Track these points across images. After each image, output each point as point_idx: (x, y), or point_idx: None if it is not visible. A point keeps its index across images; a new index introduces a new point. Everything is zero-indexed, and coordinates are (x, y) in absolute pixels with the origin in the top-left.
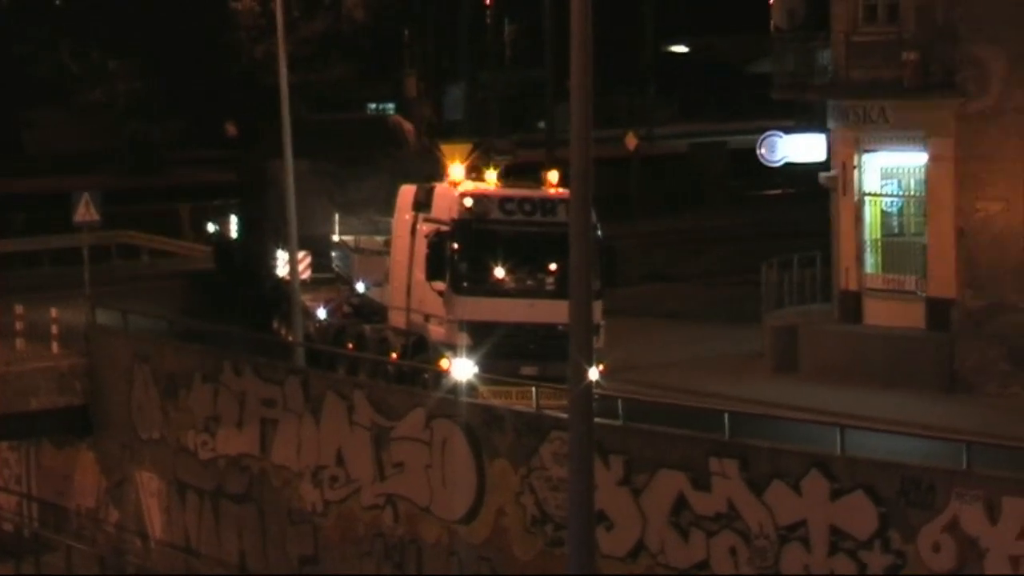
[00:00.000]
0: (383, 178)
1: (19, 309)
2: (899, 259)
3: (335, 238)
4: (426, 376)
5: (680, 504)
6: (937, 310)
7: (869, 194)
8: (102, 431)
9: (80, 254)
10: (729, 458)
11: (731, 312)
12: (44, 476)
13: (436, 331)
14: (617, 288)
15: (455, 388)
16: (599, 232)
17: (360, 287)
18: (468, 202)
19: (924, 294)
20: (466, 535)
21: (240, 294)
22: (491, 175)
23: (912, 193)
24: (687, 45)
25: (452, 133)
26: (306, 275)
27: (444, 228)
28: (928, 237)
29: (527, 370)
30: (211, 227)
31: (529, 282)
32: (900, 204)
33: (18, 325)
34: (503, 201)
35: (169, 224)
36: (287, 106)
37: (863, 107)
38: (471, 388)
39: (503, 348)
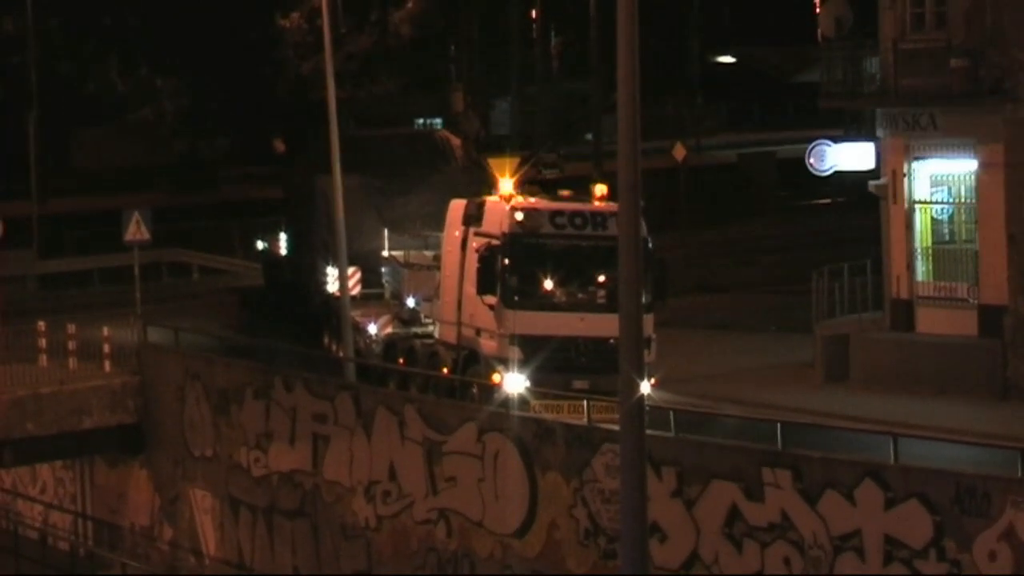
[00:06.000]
0: (431, 193)
1: (71, 328)
2: (950, 266)
3: (384, 253)
4: (476, 390)
5: (733, 515)
6: (989, 317)
7: (919, 202)
8: (155, 448)
9: (131, 272)
10: (782, 468)
11: (782, 322)
12: (98, 494)
13: (487, 345)
14: (667, 300)
15: (507, 402)
16: (649, 244)
17: (410, 302)
18: (519, 216)
19: (976, 301)
20: (519, 549)
21: (290, 310)
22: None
23: (963, 200)
24: (733, 55)
25: (499, 147)
26: (356, 291)
27: (495, 242)
28: (979, 244)
29: (579, 384)
30: (260, 244)
31: (580, 295)
32: (951, 211)
33: (70, 344)
34: (554, 215)
35: (219, 241)
36: (335, 122)
37: (912, 114)
38: (523, 402)
39: (554, 362)
